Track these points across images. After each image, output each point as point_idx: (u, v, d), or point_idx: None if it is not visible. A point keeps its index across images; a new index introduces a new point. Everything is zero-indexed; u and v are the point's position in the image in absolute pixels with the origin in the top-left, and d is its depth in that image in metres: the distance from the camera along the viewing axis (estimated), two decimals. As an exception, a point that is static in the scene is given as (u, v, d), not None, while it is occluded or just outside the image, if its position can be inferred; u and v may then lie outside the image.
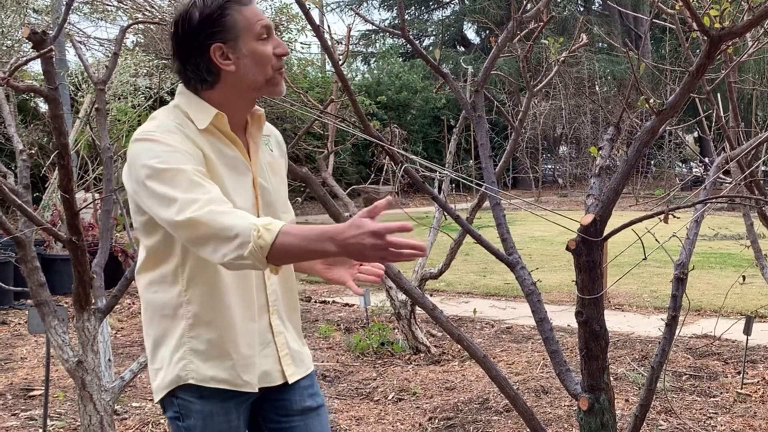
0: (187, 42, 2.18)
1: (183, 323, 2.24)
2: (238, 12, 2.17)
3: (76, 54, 4.72)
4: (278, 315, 2.35)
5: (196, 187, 2.02)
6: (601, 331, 2.84)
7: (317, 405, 2.46)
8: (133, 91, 11.51)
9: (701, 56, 2.49)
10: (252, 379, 2.29)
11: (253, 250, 1.91)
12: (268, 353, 2.33)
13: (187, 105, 2.23)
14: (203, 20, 2.15)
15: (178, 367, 2.26)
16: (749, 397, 5.26)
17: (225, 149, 2.23)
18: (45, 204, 10.58)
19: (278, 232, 1.91)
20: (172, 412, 2.30)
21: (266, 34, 2.20)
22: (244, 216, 1.97)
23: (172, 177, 2.04)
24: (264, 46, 2.20)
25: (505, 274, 9.82)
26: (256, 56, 2.19)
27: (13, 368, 6.56)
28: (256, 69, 2.20)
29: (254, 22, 2.18)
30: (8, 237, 3.71)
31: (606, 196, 2.79)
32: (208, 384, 2.25)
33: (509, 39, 3.73)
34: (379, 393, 5.66)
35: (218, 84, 2.20)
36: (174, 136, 2.13)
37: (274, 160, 2.40)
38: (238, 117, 2.28)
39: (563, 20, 28.25)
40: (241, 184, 2.24)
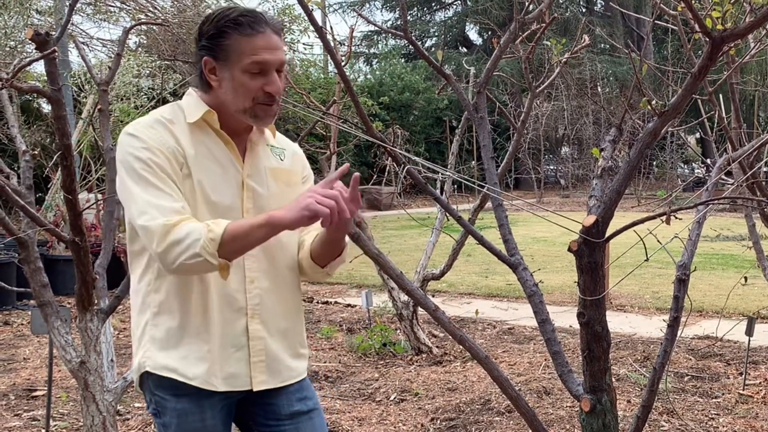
0: (195, 47, 2.29)
1: (149, 312, 2.30)
2: (236, 40, 2.21)
3: (79, 55, 4.73)
4: (261, 320, 2.32)
5: (158, 191, 2.13)
6: (603, 332, 2.84)
7: (308, 409, 2.45)
8: (136, 92, 11.53)
9: (703, 58, 2.49)
10: (204, 375, 2.27)
11: (204, 244, 2.05)
12: (240, 357, 2.32)
13: (187, 102, 2.32)
14: (205, 32, 2.24)
15: (139, 355, 2.33)
16: (751, 398, 5.26)
17: (211, 145, 2.28)
18: (48, 205, 10.59)
19: (227, 224, 2.07)
20: (152, 408, 2.36)
21: (258, 70, 2.22)
22: (195, 223, 2.11)
23: (139, 177, 2.15)
24: (250, 80, 2.22)
25: (507, 275, 9.82)
26: (236, 85, 2.23)
27: (16, 369, 6.57)
28: (234, 96, 2.24)
29: (247, 55, 2.20)
30: (11, 237, 3.72)
31: (608, 197, 2.79)
32: (161, 372, 2.28)
33: (511, 40, 3.73)
34: (381, 394, 5.66)
35: (210, 91, 2.29)
36: (151, 131, 2.21)
37: (281, 167, 2.41)
38: (232, 123, 2.32)
39: (565, 21, 28.27)
40: (225, 181, 2.28)
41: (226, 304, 2.28)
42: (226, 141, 2.30)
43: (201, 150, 2.25)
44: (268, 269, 2.34)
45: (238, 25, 2.20)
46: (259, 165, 2.36)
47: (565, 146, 29.69)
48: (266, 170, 2.36)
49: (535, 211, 8.50)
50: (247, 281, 2.30)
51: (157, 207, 2.11)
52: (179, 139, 2.22)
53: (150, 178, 2.14)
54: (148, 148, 2.16)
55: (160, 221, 2.09)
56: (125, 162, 2.17)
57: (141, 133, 2.19)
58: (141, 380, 2.36)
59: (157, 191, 2.13)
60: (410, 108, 27.28)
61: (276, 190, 2.37)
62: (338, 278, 10.84)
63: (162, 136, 2.20)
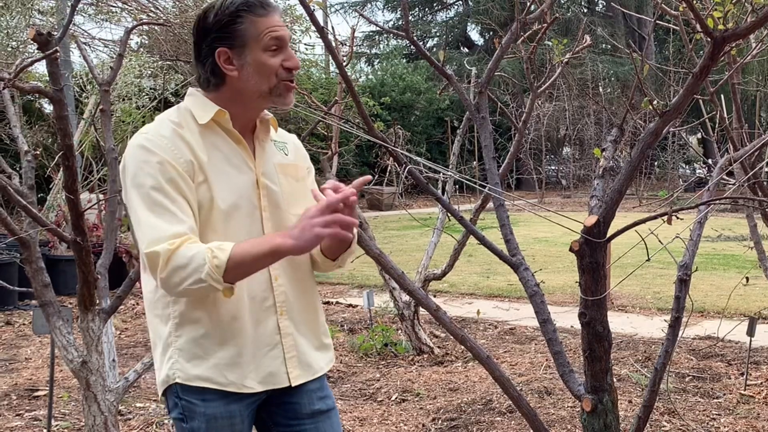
0: (200, 40, 2.24)
1: (170, 323, 2.27)
2: (250, 21, 2.20)
3: (81, 55, 4.74)
4: (289, 316, 2.33)
5: (164, 213, 2.11)
6: (605, 332, 2.85)
7: (327, 408, 2.46)
8: (138, 92, 11.54)
9: (705, 58, 2.50)
10: (239, 379, 2.27)
11: (209, 270, 2.04)
12: (275, 355, 2.32)
13: (193, 104, 2.29)
14: (215, 24, 2.21)
15: (167, 367, 2.29)
16: (752, 399, 5.26)
17: (224, 146, 2.26)
18: (50, 205, 10.60)
19: (231, 251, 2.05)
20: (177, 413, 2.32)
21: (276, 46, 2.22)
22: (197, 246, 2.08)
23: (147, 197, 2.12)
24: (271, 58, 2.22)
25: (509, 275, 9.81)
26: (259, 66, 2.21)
27: (17, 369, 6.57)
28: (259, 78, 2.23)
29: (264, 33, 2.20)
30: (13, 238, 3.72)
31: (609, 197, 2.79)
32: (193, 383, 2.26)
33: (513, 40, 3.74)
34: (383, 394, 5.66)
35: (223, 86, 2.25)
36: (163, 141, 2.18)
37: (287, 162, 2.41)
38: (244, 119, 2.31)
39: (567, 22, 28.27)
40: (241, 182, 2.26)
41: (257, 305, 2.27)
42: (238, 140, 2.28)
43: (214, 154, 2.24)
44: (288, 264, 2.33)
45: (250, 7, 2.20)
46: (269, 162, 2.35)
47: (567, 146, 29.68)
48: (275, 167, 2.36)
49: (536, 212, 8.50)
50: (272, 278, 2.30)
51: (162, 231, 2.09)
52: (192, 145, 2.20)
53: (158, 197, 2.12)
54: (161, 162, 2.13)
55: (163, 247, 2.07)
56: (135, 178, 2.14)
57: (153, 146, 2.16)
58: (168, 390, 2.33)
59: (164, 213, 2.11)
60: (412, 108, 27.28)
61: (287, 186, 2.36)
62: (339, 278, 10.84)
63: (175, 147, 2.17)
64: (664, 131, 2.78)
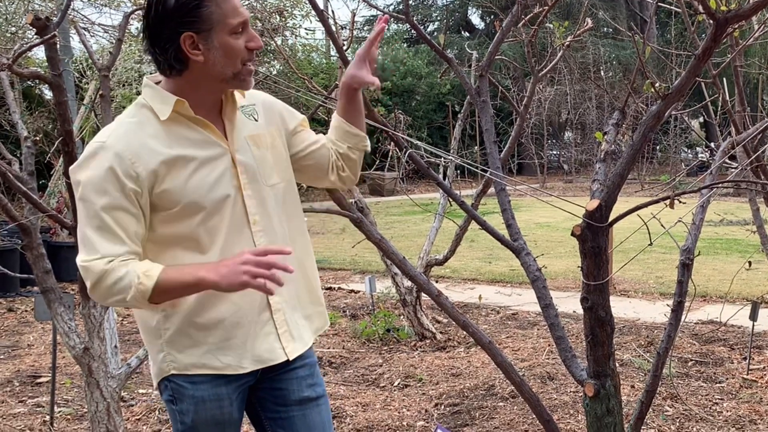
0: (160, 26, 2.14)
1: (157, 316, 2.29)
2: (216, 4, 2.13)
3: (81, 40, 4.72)
4: (278, 292, 2.28)
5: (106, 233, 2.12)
6: (607, 317, 2.84)
7: (316, 395, 2.46)
8: (138, 78, 11.51)
9: (707, 40, 2.48)
10: (234, 360, 2.28)
11: (135, 295, 2.09)
12: (268, 331, 2.32)
13: (151, 98, 2.23)
14: (179, 7, 2.12)
15: (159, 359, 2.32)
16: (755, 383, 5.26)
17: (190, 134, 2.23)
18: (50, 191, 10.60)
19: (157, 278, 2.09)
20: (167, 395, 2.35)
21: (241, 29, 2.18)
22: (127, 267, 2.10)
23: (95, 215, 2.13)
24: (236, 40, 2.18)
25: (511, 261, 9.81)
26: (226, 49, 2.17)
27: (20, 355, 6.58)
28: (225, 61, 2.18)
29: (230, 16, 2.15)
30: (14, 224, 3.71)
31: (611, 181, 2.78)
32: (189, 371, 2.28)
33: (514, 24, 3.71)
34: (385, 379, 5.66)
35: (186, 71, 2.19)
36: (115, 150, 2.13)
37: (258, 131, 2.37)
38: (207, 101, 2.26)
39: (568, 4, 28.13)
40: (216, 165, 2.24)
41: None
42: (204, 125, 2.24)
43: (181, 142, 2.20)
44: (274, 234, 2.33)
45: None
46: (240, 136, 2.31)
47: (568, 131, 29.60)
48: (247, 140, 2.32)
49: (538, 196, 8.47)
50: None
51: (100, 250, 2.11)
52: (153, 147, 2.16)
53: (104, 218, 2.12)
54: (115, 176, 2.11)
55: (97, 264, 2.11)
56: (85, 189, 2.13)
57: (109, 157, 2.13)
58: (162, 382, 2.36)
59: (106, 233, 2.12)
60: (413, 93, 27.22)
61: (260, 156, 2.33)
62: (342, 264, 10.84)
63: (133, 155, 2.13)
64: (666, 114, 2.76)
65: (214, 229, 2.22)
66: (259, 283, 2.06)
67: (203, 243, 2.23)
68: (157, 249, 2.24)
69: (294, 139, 2.50)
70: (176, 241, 2.23)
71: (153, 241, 2.23)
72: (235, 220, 2.25)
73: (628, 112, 3.46)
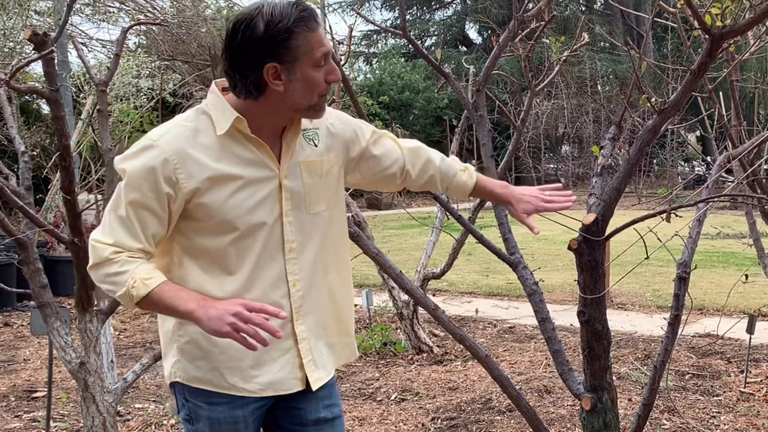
0: (244, 52, 2.10)
1: (174, 321, 2.27)
2: (304, 37, 2.09)
3: (78, 55, 4.73)
4: (304, 321, 2.29)
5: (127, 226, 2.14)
6: (604, 330, 2.84)
7: (333, 416, 2.44)
8: (136, 93, 11.53)
9: (703, 55, 2.49)
10: (239, 382, 2.26)
11: (123, 294, 2.10)
12: (286, 360, 2.29)
13: (214, 106, 2.20)
14: (268, 38, 2.07)
15: (169, 365, 2.32)
16: (752, 396, 5.26)
17: (243, 152, 2.19)
18: (48, 206, 10.59)
19: (151, 290, 2.09)
20: (184, 413, 2.34)
21: (324, 62, 2.15)
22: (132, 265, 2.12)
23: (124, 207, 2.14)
24: (317, 72, 2.14)
25: (508, 274, 9.80)
26: (307, 81, 2.13)
27: (16, 370, 6.56)
28: (304, 93, 2.15)
29: (316, 49, 2.11)
30: (11, 239, 3.71)
31: (608, 195, 2.79)
32: (193, 384, 2.27)
33: (511, 38, 3.73)
34: (382, 393, 5.65)
35: (261, 97, 2.15)
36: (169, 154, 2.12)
37: (314, 157, 2.32)
38: (272, 126, 2.23)
39: (565, 19, 28.24)
40: (260, 187, 2.20)
41: None
42: (259, 145, 2.20)
43: (230, 158, 2.17)
44: (309, 262, 2.30)
45: (305, 22, 2.09)
46: (294, 161, 2.27)
47: (566, 144, 29.68)
48: (300, 165, 2.28)
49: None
50: (290, 284, 2.26)
51: (116, 237, 2.13)
52: (202, 160, 2.14)
53: (130, 213, 2.13)
54: (155, 178, 2.11)
55: (107, 250, 2.12)
56: (124, 181, 2.15)
57: (150, 156, 2.12)
58: (171, 386, 2.36)
59: (128, 226, 2.13)
60: (410, 107, 27.28)
61: (310, 183, 2.29)
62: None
63: (172, 161, 2.11)
64: (662, 129, 2.77)
65: (245, 250, 2.20)
66: (239, 337, 2.02)
67: (231, 263, 2.20)
68: (185, 256, 2.23)
69: (363, 164, 2.51)
70: (204, 254, 2.21)
71: (182, 246, 2.22)
72: (269, 245, 2.22)
73: (624, 127, 3.47)
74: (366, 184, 2.62)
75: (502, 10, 29.35)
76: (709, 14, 2.50)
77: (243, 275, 2.21)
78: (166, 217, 2.15)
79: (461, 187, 2.63)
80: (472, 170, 2.67)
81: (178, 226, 2.20)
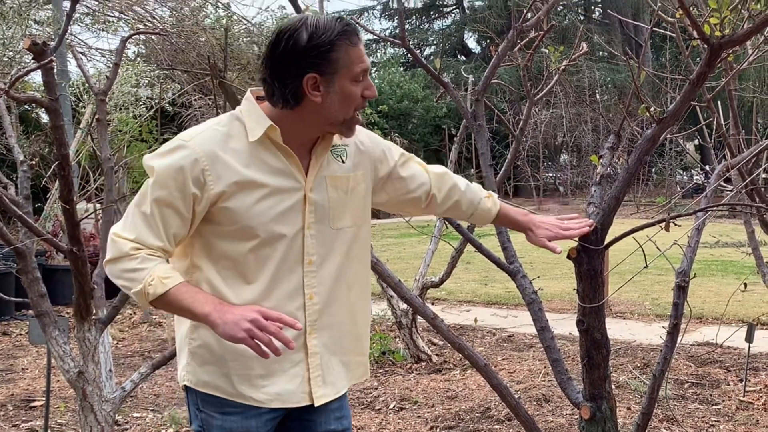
0: (286, 62, 2.14)
1: (188, 324, 2.27)
2: (345, 51, 2.13)
3: (78, 65, 4.74)
4: (318, 335, 2.29)
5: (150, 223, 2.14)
6: (603, 339, 2.84)
7: (342, 428, 2.44)
8: (135, 102, 11.51)
9: (701, 65, 2.49)
10: (247, 391, 2.25)
11: (138, 292, 2.10)
12: (295, 373, 2.29)
13: (248, 113, 2.23)
14: (310, 48, 2.11)
15: (181, 366, 2.32)
16: (751, 405, 5.25)
17: (272, 160, 2.20)
18: (46, 214, 10.58)
19: (168, 290, 2.09)
20: (196, 425, 2.34)
21: (362, 78, 2.18)
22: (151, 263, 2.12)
23: (149, 204, 2.15)
24: (355, 87, 2.17)
25: (507, 283, 9.80)
26: (345, 95, 2.17)
27: (14, 379, 6.55)
28: (340, 107, 2.18)
29: (356, 64, 2.15)
30: (9, 248, 3.71)
31: (607, 204, 2.79)
32: (202, 389, 2.27)
33: (510, 48, 3.74)
34: (381, 402, 5.65)
35: (297, 108, 2.18)
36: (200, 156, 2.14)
37: (342, 173, 2.34)
38: (304, 137, 2.25)
39: (563, 29, 28.29)
40: (285, 198, 2.21)
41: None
42: (289, 155, 2.22)
43: (259, 166, 2.18)
44: (329, 277, 2.31)
45: (347, 35, 2.13)
46: (321, 175, 2.29)
47: (564, 153, 29.69)
48: (325, 179, 2.29)
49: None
50: (307, 298, 2.27)
51: (137, 233, 2.13)
52: (232, 164, 2.15)
53: (155, 211, 2.13)
54: (183, 179, 2.12)
55: (126, 245, 2.13)
56: (152, 179, 2.16)
57: (180, 155, 2.14)
58: (186, 391, 2.35)
59: (151, 224, 2.14)
60: (409, 116, 27.30)
61: (335, 198, 2.30)
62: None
63: (201, 162, 2.13)
64: (661, 138, 2.77)
65: (264, 259, 2.21)
66: (253, 344, 2.03)
67: (250, 270, 2.21)
68: (204, 260, 2.23)
69: (389, 185, 2.54)
70: (223, 260, 2.21)
71: (202, 250, 2.23)
72: (289, 256, 2.23)
73: (623, 136, 3.47)
74: (391, 206, 2.63)
75: (500, 20, 29.41)
76: (707, 24, 2.50)
77: (260, 284, 2.22)
78: (189, 218, 2.16)
79: (485, 213, 2.66)
80: (495, 197, 2.70)
81: (199, 229, 2.21)
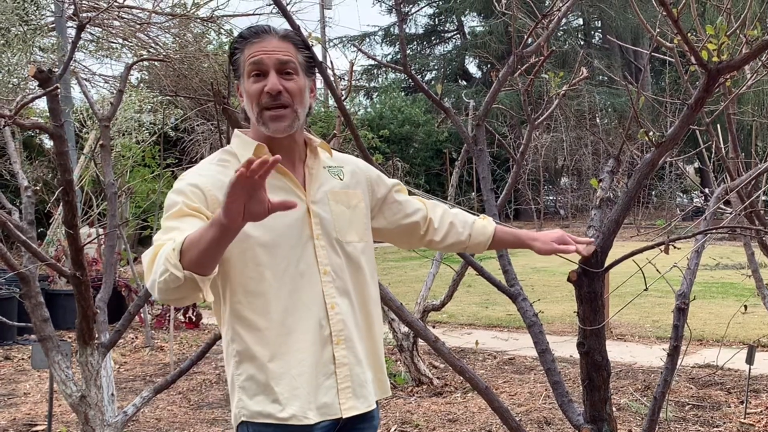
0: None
1: (232, 362, 2.28)
2: (244, 50, 2.22)
3: (82, 91, 4.77)
4: (346, 345, 2.30)
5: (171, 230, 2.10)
6: (603, 361, 2.85)
7: None
8: (138, 127, 11.58)
9: (700, 90, 2.52)
10: (300, 411, 2.24)
11: (168, 255, 1.96)
12: (330, 385, 2.29)
13: (237, 145, 2.31)
14: (230, 58, 2.28)
15: (234, 405, 2.31)
16: (752, 427, 5.25)
17: (269, 180, 2.09)
18: (49, 239, 10.61)
19: (184, 239, 1.97)
20: None
21: (256, 71, 2.21)
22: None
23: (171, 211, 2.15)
24: (253, 84, 2.22)
25: (508, 306, 9.81)
26: (247, 94, 2.24)
27: (16, 403, 6.55)
28: (249, 106, 2.25)
29: (248, 60, 2.21)
30: (13, 273, 3.73)
31: (607, 227, 2.81)
32: (257, 420, 2.25)
33: (510, 73, 3.77)
34: (383, 426, 5.64)
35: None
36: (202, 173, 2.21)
37: (341, 189, 2.38)
38: (278, 147, 2.26)
39: (564, 54, 28.40)
40: (287, 216, 2.20)
41: (316, 336, 2.25)
42: (283, 172, 2.26)
43: None
44: (345, 289, 2.33)
45: (244, 38, 2.23)
46: (321, 190, 2.33)
47: (565, 177, 29.73)
48: (326, 194, 2.34)
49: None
50: (328, 307, 2.28)
51: (170, 235, 2.08)
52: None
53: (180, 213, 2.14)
54: (190, 191, 2.16)
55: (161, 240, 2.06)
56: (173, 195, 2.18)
57: (188, 181, 2.20)
58: (238, 428, 2.34)
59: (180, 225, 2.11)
60: (410, 140, 27.37)
61: (338, 212, 2.34)
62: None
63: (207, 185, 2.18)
64: (660, 161, 2.80)
65: (281, 273, 2.22)
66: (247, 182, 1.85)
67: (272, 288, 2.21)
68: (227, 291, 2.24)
69: (387, 209, 2.57)
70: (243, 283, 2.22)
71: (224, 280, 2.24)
72: (305, 268, 2.25)
73: (623, 159, 3.50)
74: (391, 234, 2.66)
75: (501, 45, 29.54)
76: (705, 49, 2.53)
77: (283, 299, 2.22)
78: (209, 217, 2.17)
79: (482, 230, 2.66)
80: (489, 218, 2.73)
81: None
